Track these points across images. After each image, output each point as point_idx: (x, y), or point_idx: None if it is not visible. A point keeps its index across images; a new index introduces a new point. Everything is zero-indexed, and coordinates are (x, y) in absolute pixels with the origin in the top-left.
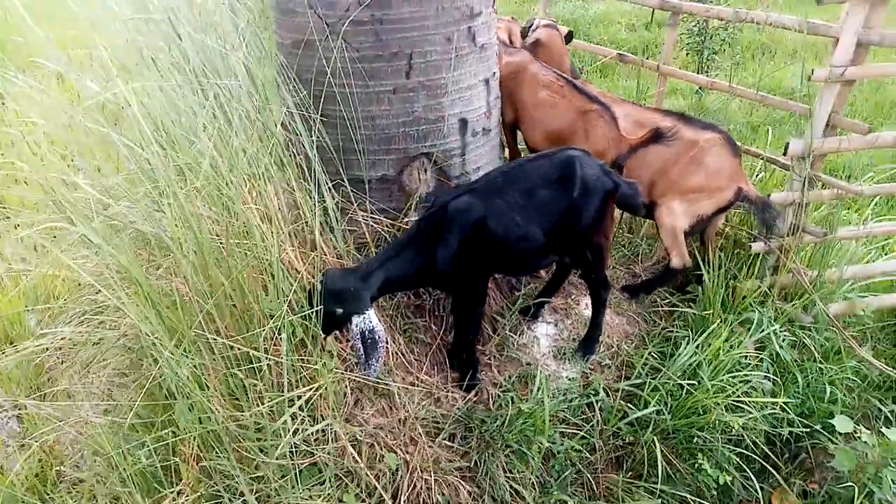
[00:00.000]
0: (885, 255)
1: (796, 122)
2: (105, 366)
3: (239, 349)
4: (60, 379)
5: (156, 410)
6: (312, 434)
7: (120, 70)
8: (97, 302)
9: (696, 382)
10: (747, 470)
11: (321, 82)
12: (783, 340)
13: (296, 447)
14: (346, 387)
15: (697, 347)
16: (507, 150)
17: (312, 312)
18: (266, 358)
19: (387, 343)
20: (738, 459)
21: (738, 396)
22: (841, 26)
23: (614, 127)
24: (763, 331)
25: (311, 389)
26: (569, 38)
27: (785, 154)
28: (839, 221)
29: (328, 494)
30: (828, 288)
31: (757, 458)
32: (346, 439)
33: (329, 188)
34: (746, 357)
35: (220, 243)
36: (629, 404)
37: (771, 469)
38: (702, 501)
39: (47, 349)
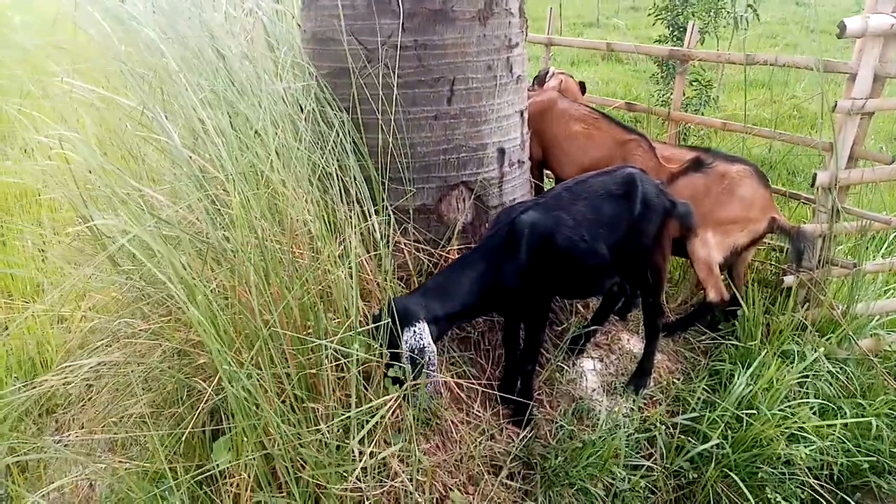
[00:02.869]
0: None
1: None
2: (132, 404)
3: (303, 368)
4: (73, 422)
5: (193, 452)
6: (374, 466)
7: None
8: (118, 332)
9: (754, 411)
10: None
11: (362, 109)
12: (826, 372)
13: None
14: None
15: (750, 378)
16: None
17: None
18: (332, 374)
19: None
20: (802, 495)
21: (801, 425)
22: (857, 62)
23: (653, 156)
24: (809, 362)
25: (389, 401)
26: (582, 88)
27: (812, 185)
28: (866, 254)
29: None
30: (859, 322)
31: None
32: (406, 476)
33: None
34: (791, 391)
35: (283, 252)
36: (688, 439)
37: None
38: None
39: (67, 384)
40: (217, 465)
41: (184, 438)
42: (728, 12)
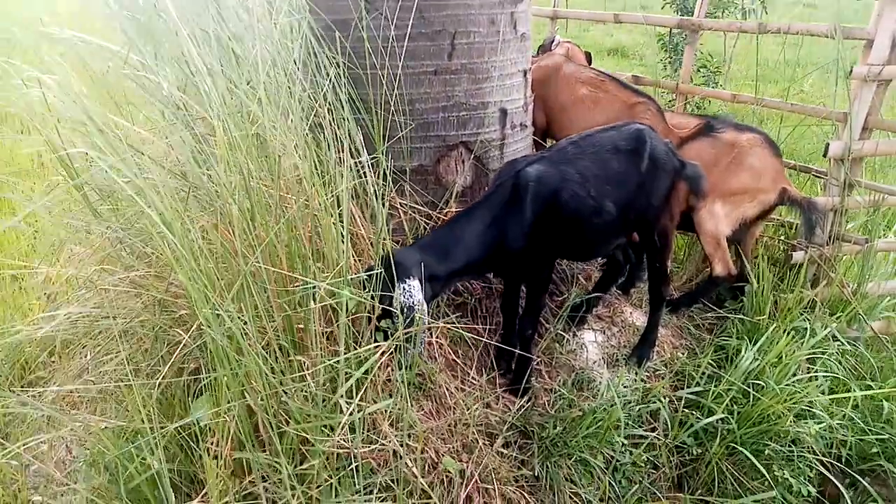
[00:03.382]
0: None
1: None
2: (110, 359)
3: (289, 318)
4: (50, 378)
5: (173, 411)
6: (362, 421)
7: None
8: (96, 281)
9: (761, 384)
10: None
11: (360, 64)
12: (836, 352)
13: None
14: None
15: (757, 353)
16: None
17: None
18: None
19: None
20: (810, 473)
21: (811, 400)
22: (874, 27)
23: (662, 119)
24: (818, 339)
25: (378, 350)
26: (588, 59)
27: (825, 155)
28: (878, 230)
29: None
30: (869, 301)
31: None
32: (396, 441)
33: (367, 171)
34: (800, 367)
35: (269, 194)
36: (692, 413)
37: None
38: None
39: (40, 331)
40: (197, 419)
41: (163, 396)
42: (736, 5)
